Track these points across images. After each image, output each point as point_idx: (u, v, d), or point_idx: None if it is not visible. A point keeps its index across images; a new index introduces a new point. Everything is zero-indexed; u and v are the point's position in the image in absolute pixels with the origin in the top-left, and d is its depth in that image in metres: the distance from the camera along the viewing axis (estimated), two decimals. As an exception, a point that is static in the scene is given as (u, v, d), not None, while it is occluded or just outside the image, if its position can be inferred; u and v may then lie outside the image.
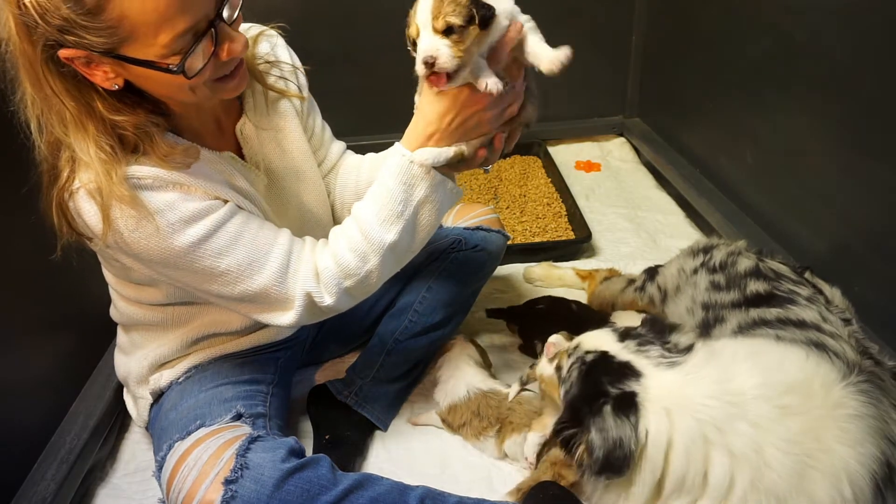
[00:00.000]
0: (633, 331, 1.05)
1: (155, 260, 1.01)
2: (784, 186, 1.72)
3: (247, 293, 1.05)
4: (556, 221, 2.15)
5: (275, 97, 1.21)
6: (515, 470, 1.31)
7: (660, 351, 1.00)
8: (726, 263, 1.35)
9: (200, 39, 0.91)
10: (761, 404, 0.92)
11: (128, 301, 1.21)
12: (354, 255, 1.06)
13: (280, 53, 1.23)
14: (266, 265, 1.05)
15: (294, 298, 1.07)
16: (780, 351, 1.04)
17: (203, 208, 1.01)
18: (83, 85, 0.93)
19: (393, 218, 1.05)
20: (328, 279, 1.07)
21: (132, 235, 0.97)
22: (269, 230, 1.08)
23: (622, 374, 0.97)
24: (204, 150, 1.07)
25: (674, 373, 0.96)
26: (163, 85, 0.96)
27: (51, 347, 1.39)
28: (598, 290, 1.69)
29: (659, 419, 0.92)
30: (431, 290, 1.47)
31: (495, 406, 1.33)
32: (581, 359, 1.03)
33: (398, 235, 1.06)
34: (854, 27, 1.40)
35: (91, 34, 0.86)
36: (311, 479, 1.01)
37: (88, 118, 0.93)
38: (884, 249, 1.38)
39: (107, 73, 0.92)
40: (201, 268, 1.03)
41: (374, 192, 1.08)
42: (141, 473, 1.36)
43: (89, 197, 0.95)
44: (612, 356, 1.01)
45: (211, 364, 1.24)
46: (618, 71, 2.61)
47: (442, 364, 1.44)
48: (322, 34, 2.26)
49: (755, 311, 1.20)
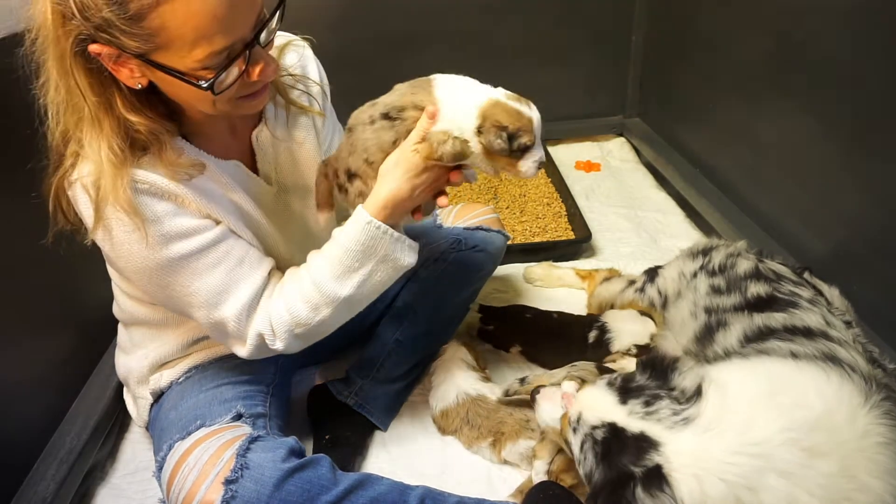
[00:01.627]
0: (633, 383, 0.97)
1: (131, 265, 1.02)
2: (784, 186, 1.72)
3: (208, 318, 1.07)
4: (556, 221, 2.15)
5: (295, 110, 1.21)
6: (515, 470, 1.31)
7: (669, 406, 0.92)
8: (725, 266, 1.34)
9: (234, 60, 0.92)
10: (788, 450, 0.86)
11: (130, 298, 1.21)
12: (307, 307, 1.07)
13: (308, 67, 1.24)
14: (233, 298, 1.06)
15: (247, 337, 1.09)
16: (797, 378, 0.98)
17: (193, 227, 1.02)
18: (106, 81, 0.93)
19: (349, 273, 1.07)
20: (279, 326, 1.08)
21: (119, 238, 0.98)
22: (249, 265, 1.09)
23: (640, 450, 0.90)
24: (210, 161, 1.07)
25: (691, 432, 0.89)
26: (187, 94, 0.96)
27: (51, 347, 1.39)
28: (597, 290, 1.69)
29: (692, 489, 0.86)
30: (431, 290, 1.48)
31: (485, 415, 1.33)
32: (590, 437, 0.95)
33: (353, 290, 1.08)
34: (854, 27, 1.40)
35: (127, 37, 0.86)
36: (311, 479, 1.01)
37: (106, 115, 0.93)
38: (884, 249, 1.38)
39: (133, 71, 0.92)
40: (172, 282, 1.03)
41: (329, 249, 1.09)
42: (141, 473, 1.36)
43: (84, 190, 0.96)
44: (622, 429, 0.92)
45: (211, 364, 1.24)
46: (618, 71, 2.61)
47: (435, 369, 1.44)
48: (322, 34, 2.26)
49: (759, 316, 1.18)
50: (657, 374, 0.97)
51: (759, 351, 1.11)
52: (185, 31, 0.86)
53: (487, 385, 1.40)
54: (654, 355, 1.01)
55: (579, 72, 2.61)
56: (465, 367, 1.42)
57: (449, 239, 1.51)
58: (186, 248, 1.02)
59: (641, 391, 0.95)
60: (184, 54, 0.88)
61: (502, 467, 1.32)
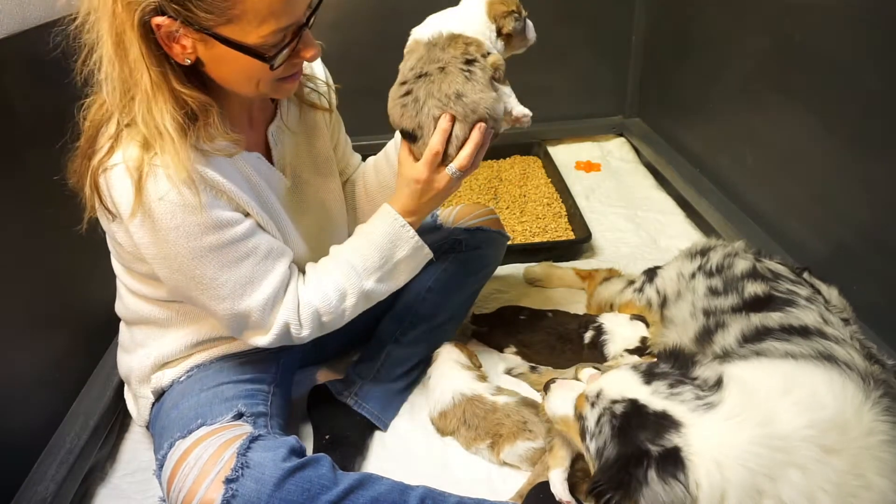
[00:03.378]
0: (657, 368, 0.97)
1: (164, 252, 1.03)
2: (784, 186, 1.72)
3: (231, 310, 1.09)
4: (556, 221, 2.15)
5: (306, 107, 1.28)
6: (516, 470, 1.31)
7: (693, 392, 0.91)
8: (723, 266, 1.34)
9: (293, 39, 0.99)
10: (808, 447, 0.86)
11: (135, 295, 1.21)
12: (337, 295, 1.16)
13: (316, 68, 1.31)
14: (259, 290, 1.10)
15: (272, 326, 1.13)
16: (808, 377, 0.98)
17: (228, 219, 1.04)
18: (161, 54, 0.96)
19: (374, 269, 1.17)
20: (310, 314, 1.14)
21: (162, 221, 0.99)
22: (273, 258, 1.12)
23: (661, 427, 0.88)
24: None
25: (714, 417, 0.88)
26: (234, 71, 1.00)
27: (51, 347, 1.39)
28: (597, 290, 1.69)
29: (710, 473, 0.84)
30: (431, 291, 1.48)
31: (482, 415, 1.33)
32: (609, 410, 0.93)
33: (374, 283, 1.18)
34: (854, 27, 1.40)
35: (202, 10, 0.91)
36: (311, 479, 1.01)
37: (165, 87, 0.96)
38: (884, 249, 1.38)
39: (185, 47, 0.95)
40: (200, 274, 1.05)
41: (359, 243, 1.19)
42: (141, 473, 1.36)
43: (127, 173, 0.97)
44: (644, 406, 0.91)
45: (213, 363, 1.24)
46: (618, 71, 2.62)
47: (431, 373, 1.45)
48: (322, 34, 2.26)
49: (756, 316, 1.18)
50: (680, 364, 0.97)
51: (755, 352, 1.10)
52: (260, 7, 0.92)
53: (483, 384, 1.40)
54: (674, 349, 1.02)
55: (579, 72, 2.61)
56: (458, 367, 1.42)
57: (449, 240, 1.51)
58: (221, 239, 1.04)
59: (666, 376, 0.94)
60: (250, 30, 0.94)
61: (502, 467, 1.32)
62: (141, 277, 1.17)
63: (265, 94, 1.06)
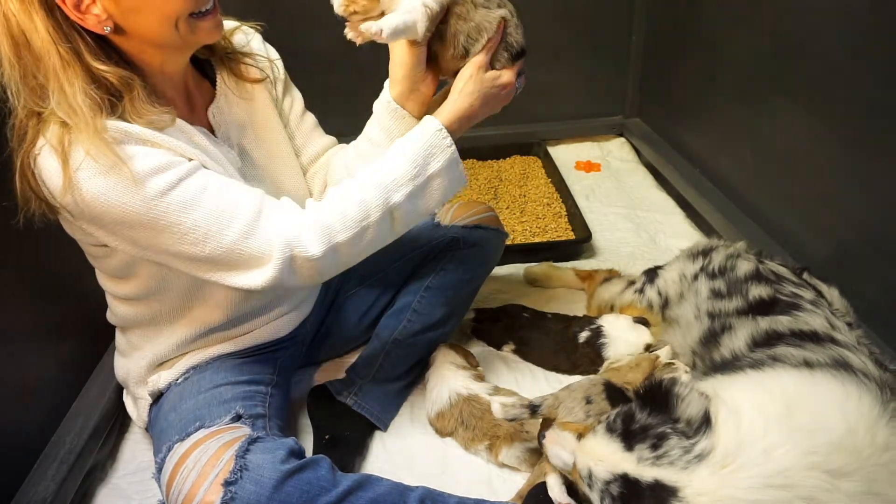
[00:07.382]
0: (635, 425, 0.92)
1: (114, 216, 0.99)
2: (784, 186, 1.72)
3: (216, 252, 1.02)
4: (556, 221, 2.14)
5: (248, 86, 1.25)
6: (515, 471, 1.31)
7: (678, 445, 0.87)
8: (725, 268, 1.34)
9: None
10: (812, 475, 0.82)
11: (120, 301, 1.21)
12: (358, 209, 1.06)
13: (255, 45, 1.29)
14: (235, 218, 1.02)
15: (270, 252, 1.02)
16: (814, 394, 0.94)
17: (166, 161, 1.00)
18: (71, 31, 0.96)
19: (405, 180, 1.08)
20: (321, 228, 1.04)
21: (94, 189, 0.96)
22: (238, 185, 1.07)
23: (659, 500, 0.86)
24: (179, 119, 1.09)
25: (708, 469, 0.85)
26: (150, 15, 0.98)
27: (51, 348, 1.39)
28: (597, 291, 1.69)
29: None
30: (430, 290, 1.48)
31: (479, 415, 1.33)
32: (608, 493, 0.91)
33: (403, 198, 1.07)
34: (854, 27, 1.39)
35: None
36: (310, 480, 1.01)
37: (76, 64, 0.96)
38: (884, 249, 1.38)
39: (98, 16, 0.95)
40: (166, 224, 1.00)
41: (392, 153, 1.10)
42: (141, 473, 1.36)
43: (51, 152, 0.96)
44: (636, 480, 0.88)
45: (209, 365, 1.24)
46: (618, 71, 2.61)
47: (429, 376, 1.45)
48: (322, 34, 2.26)
49: (764, 320, 1.16)
50: (657, 407, 0.92)
51: (770, 357, 1.07)
52: None
53: (480, 384, 1.40)
54: (650, 383, 0.96)
55: (579, 72, 2.61)
56: (454, 368, 1.42)
57: (447, 237, 1.51)
58: (165, 180, 0.99)
59: (645, 432, 0.90)
60: None
61: (502, 468, 1.32)
62: (119, 280, 1.17)
63: (187, 39, 1.03)
